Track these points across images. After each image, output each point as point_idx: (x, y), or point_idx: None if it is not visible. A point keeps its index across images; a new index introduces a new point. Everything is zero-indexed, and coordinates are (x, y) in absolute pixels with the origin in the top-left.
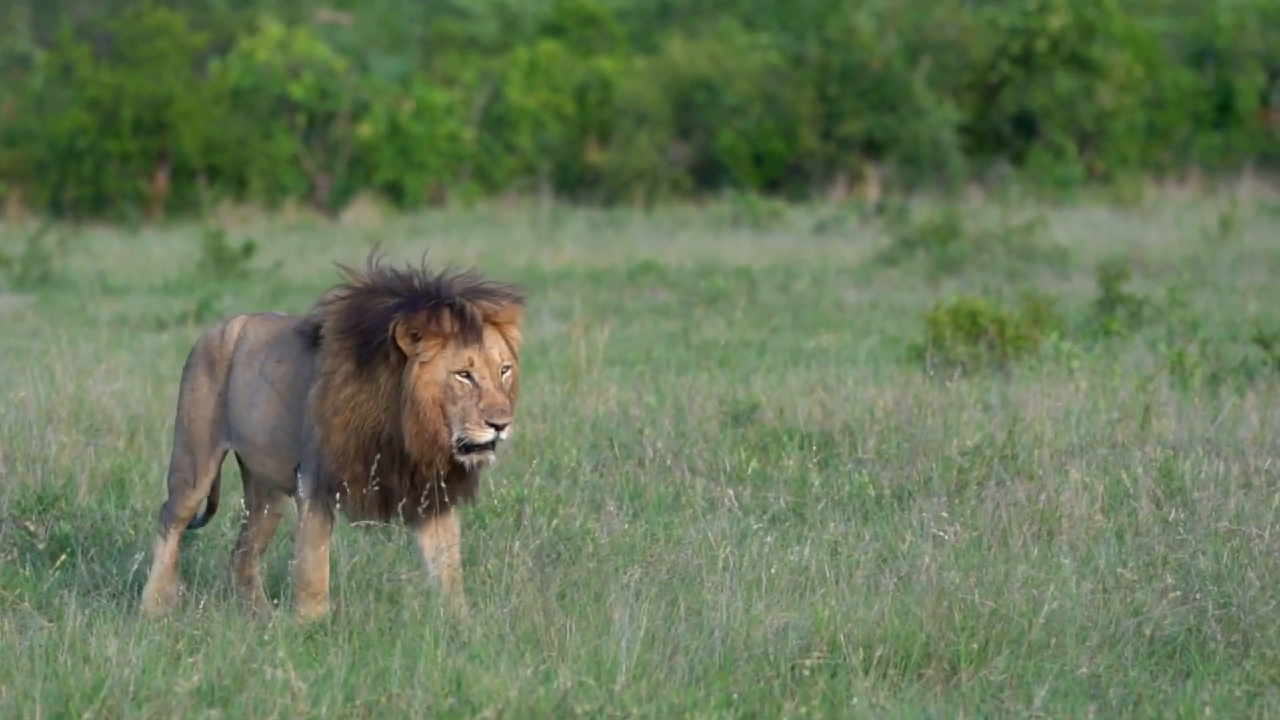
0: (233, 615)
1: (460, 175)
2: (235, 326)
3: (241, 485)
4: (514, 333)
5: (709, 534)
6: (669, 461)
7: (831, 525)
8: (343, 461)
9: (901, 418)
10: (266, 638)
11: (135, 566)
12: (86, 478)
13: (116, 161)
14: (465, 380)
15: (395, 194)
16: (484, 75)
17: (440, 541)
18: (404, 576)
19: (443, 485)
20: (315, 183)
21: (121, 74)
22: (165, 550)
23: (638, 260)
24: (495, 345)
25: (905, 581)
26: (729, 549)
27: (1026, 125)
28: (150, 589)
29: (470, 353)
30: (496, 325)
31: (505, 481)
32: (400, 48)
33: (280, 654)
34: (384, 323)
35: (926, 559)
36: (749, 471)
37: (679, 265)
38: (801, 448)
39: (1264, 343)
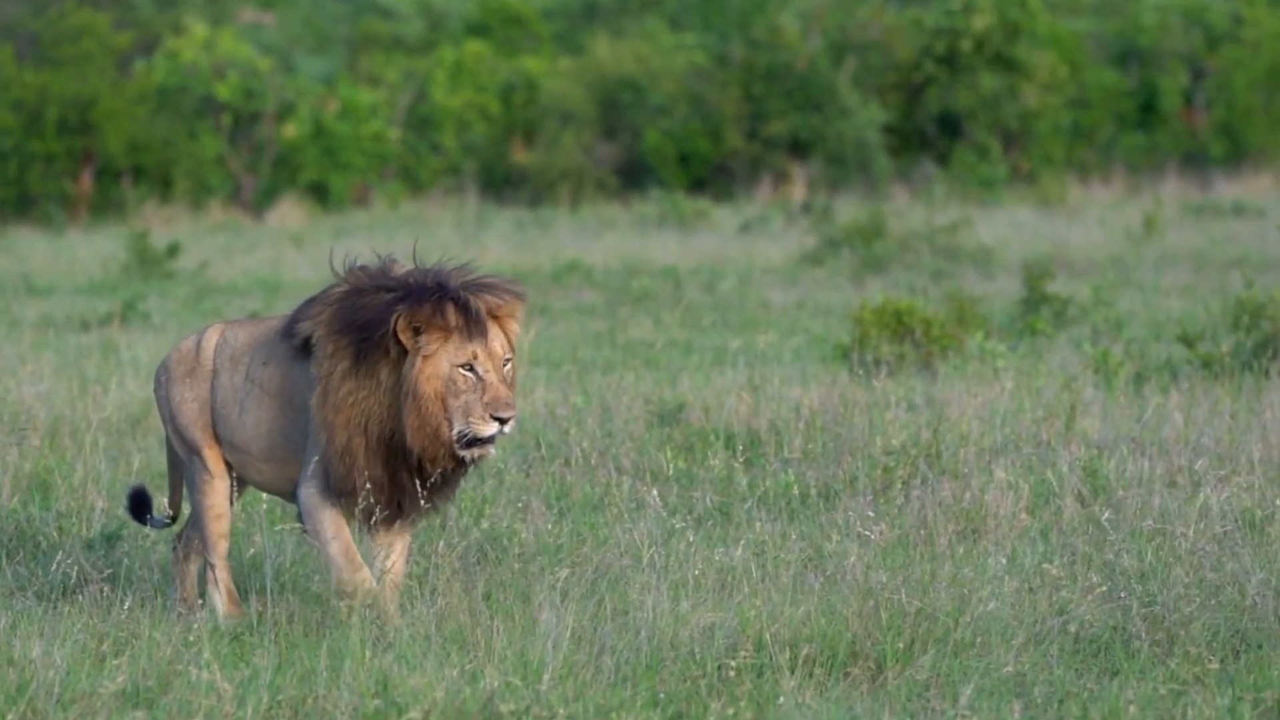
0: (158, 616)
1: (385, 175)
2: (213, 335)
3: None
4: (513, 326)
5: (635, 534)
6: (595, 461)
7: (758, 525)
8: (350, 463)
9: (827, 417)
10: (192, 638)
11: (59, 568)
12: (10, 479)
13: (41, 162)
14: (468, 374)
15: (320, 194)
16: (409, 75)
17: (393, 544)
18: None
19: (432, 487)
20: (240, 183)
21: (46, 74)
22: (221, 587)
23: (563, 260)
24: (496, 338)
25: (831, 581)
26: (655, 549)
27: (951, 125)
28: (223, 610)
29: (475, 346)
30: (496, 319)
31: None
32: (325, 48)
33: (205, 655)
34: (384, 316)
35: (852, 558)
36: (675, 471)
37: (605, 265)
38: (728, 447)
39: (1188, 342)
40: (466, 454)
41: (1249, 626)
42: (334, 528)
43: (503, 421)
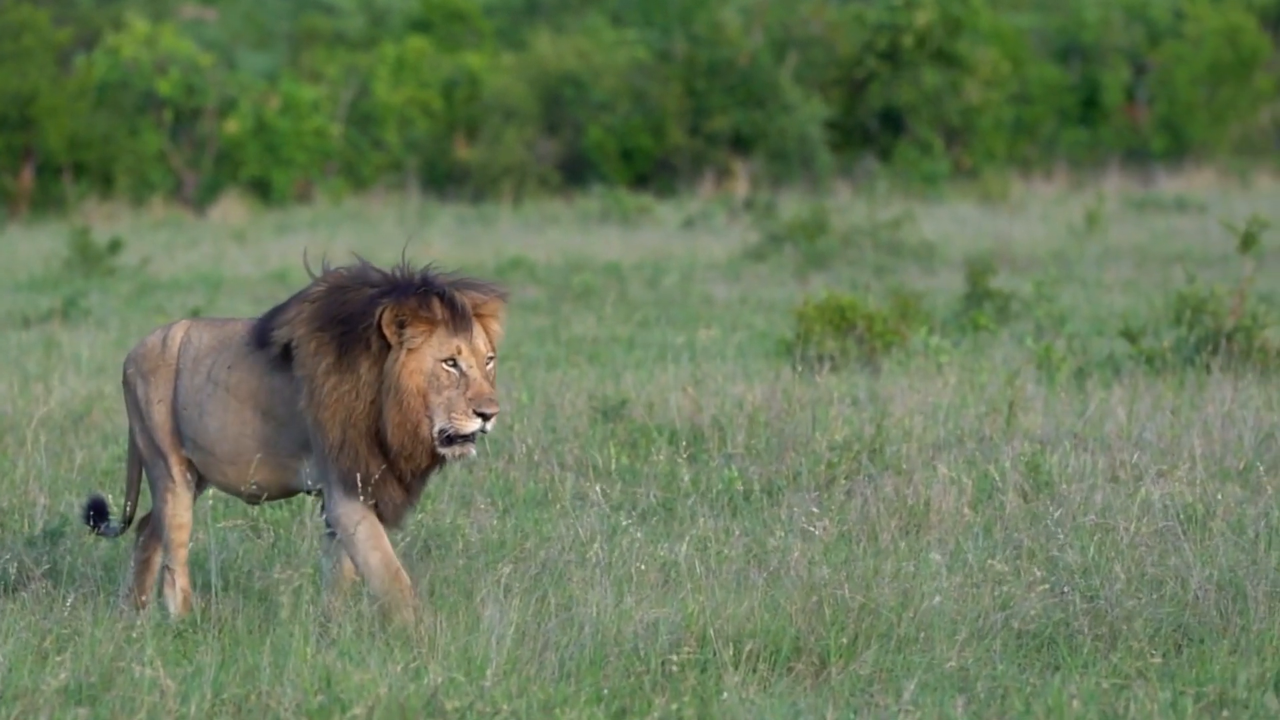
0: (101, 613)
1: (327, 171)
2: (178, 333)
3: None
4: (495, 326)
5: (579, 530)
6: (539, 458)
7: (701, 520)
8: (353, 457)
9: (771, 413)
10: (135, 635)
11: (0, 565)
12: None
13: None
14: (452, 369)
15: (262, 190)
16: (350, 71)
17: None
18: (276, 575)
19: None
20: (182, 179)
21: None
22: (176, 588)
23: (506, 256)
24: (480, 336)
25: (775, 576)
26: (599, 545)
27: (893, 121)
28: (176, 613)
29: (459, 341)
30: (479, 317)
31: None
32: (267, 44)
33: (149, 652)
34: (368, 309)
35: (796, 554)
36: (619, 467)
37: (548, 261)
38: (671, 443)
39: (1130, 337)
40: (447, 451)
41: (1191, 621)
42: (372, 537)
43: (485, 417)
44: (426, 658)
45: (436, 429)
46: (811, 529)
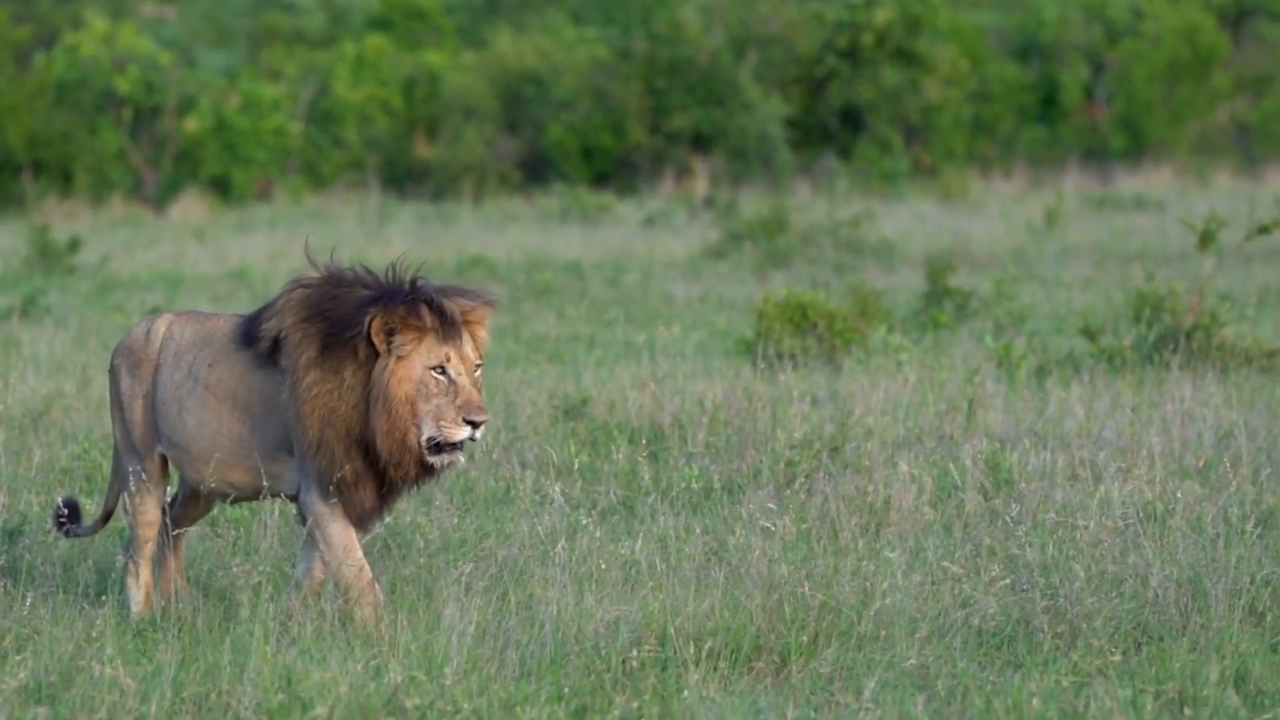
0: (60, 612)
1: (287, 170)
2: (160, 326)
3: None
4: (482, 334)
5: (539, 528)
6: (499, 456)
7: (661, 519)
8: (329, 456)
9: (731, 411)
10: (95, 634)
11: None
12: None
13: None
14: (440, 377)
15: (222, 188)
16: (310, 69)
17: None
18: (235, 570)
19: (403, 493)
20: (142, 177)
21: None
22: (140, 583)
23: (467, 254)
24: (468, 344)
25: (735, 574)
26: (559, 543)
27: (853, 119)
28: (137, 607)
29: (448, 348)
30: (467, 324)
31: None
32: (226, 42)
33: (109, 651)
34: (356, 316)
35: (756, 552)
36: (579, 466)
37: (508, 259)
38: (631, 441)
39: (1089, 335)
40: (435, 460)
41: (1150, 619)
42: (346, 540)
43: (475, 425)
44: (387, 656)
45: (425, 437)
46: (772, 527)
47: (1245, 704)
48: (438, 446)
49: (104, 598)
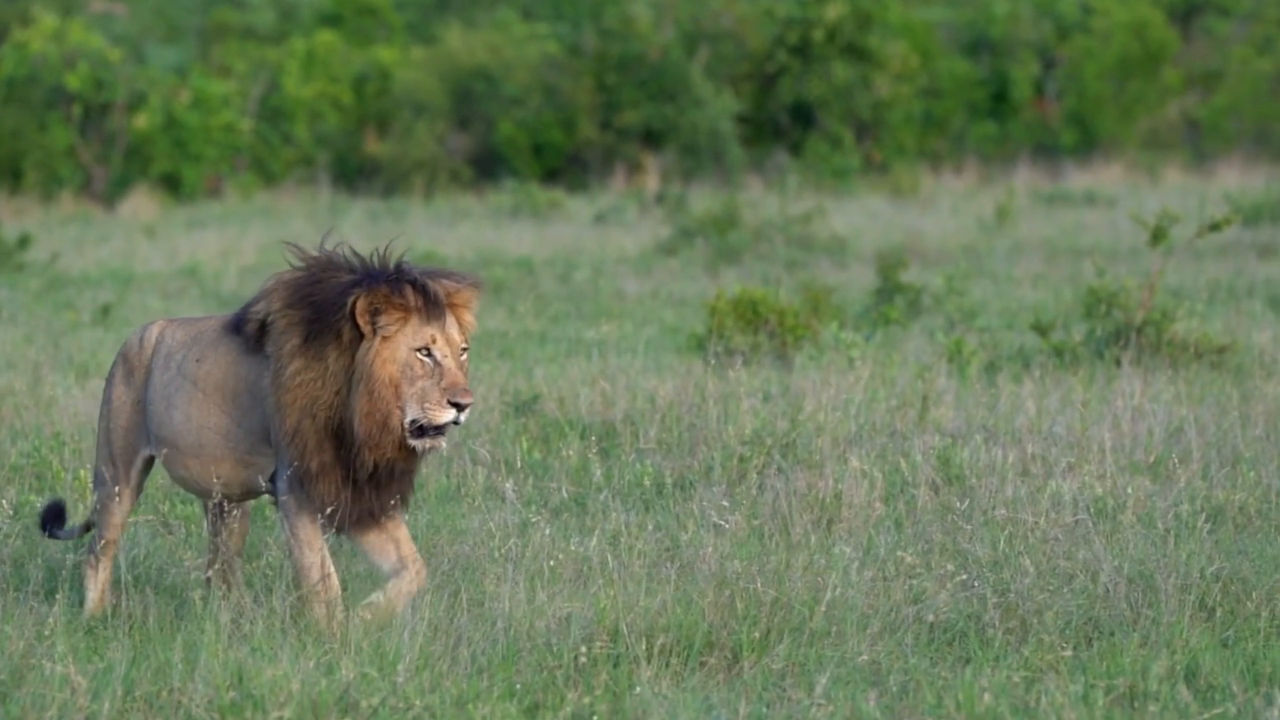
0: (10, 610)
1: (238, 166)
2: (154, 331)
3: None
4: (468, 317)
5: (491, 525)
6: (450, 453)
7: (613, 515)
8: (303, 448)
9: (683, 407)
10: (45, 633)
11: None
12: None
13: None
14: (426, 359)
15: (172, 185)
16: (260, 66)
17: (394, 559)
18: (187, 564)
19: (381, 481)
20: (91, 174)
21: None
22: (97, 580)
23: (418, 251)
24: (453, 325)
25: (687, 571)
26: (511, 540)
27: (804, 115)
28: (92, 603)
29: (433, 329)
30: (452, 306)
31: None
32: (177, 38)
33: (59, 649)
34: (340, 298)
35: (708, 548)
36: (531, 462)
37: (459, 256)
38: (583, 438)
39: (1040, 330)
40: (418, 444)
41: (1101, 614)
42: (311, 536)
43: (460, 408)
44: (339, 653)
45: (408, 419)
46: (723, 523)
47: (1196, 699)
48: (420, 430)
49: (56, 595)
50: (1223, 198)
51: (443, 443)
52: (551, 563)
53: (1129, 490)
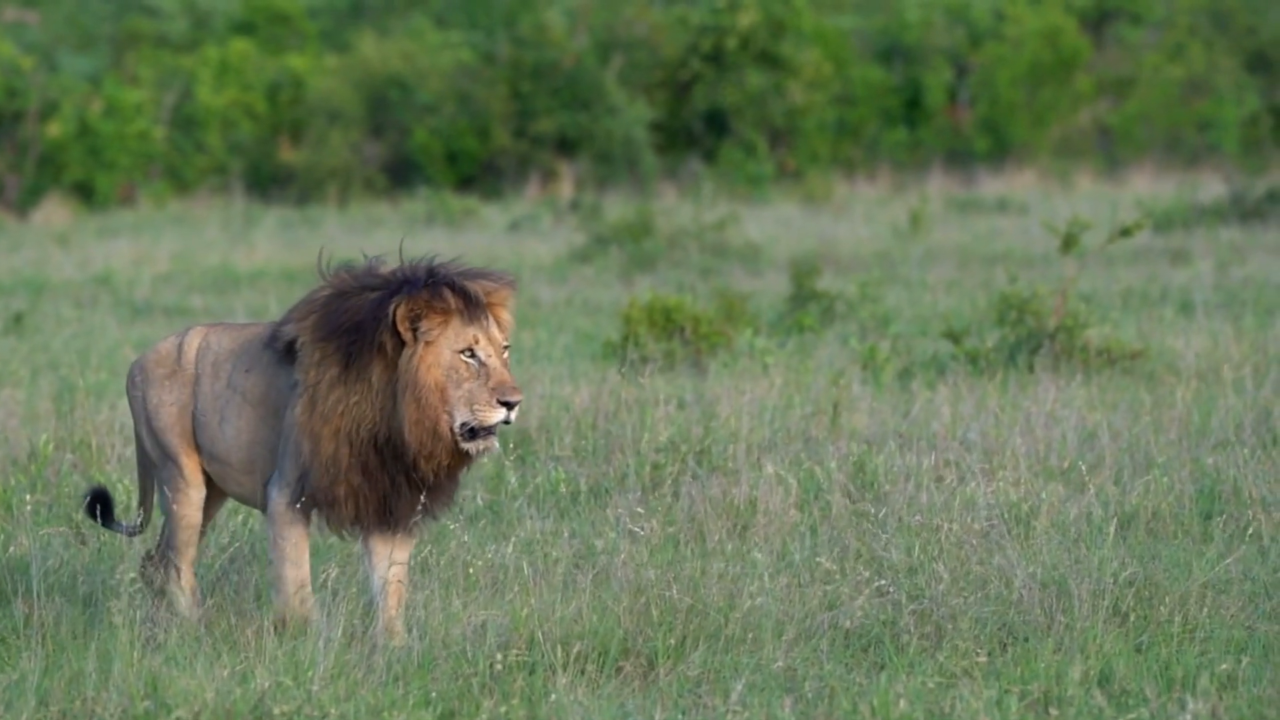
0: None
1: (151, 174)
2: (195, 338)
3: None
4: (506, 316)
5: None
6: None
7: (529, 522)
8: (335, 473)
9: (597, 415)
10: None
11: None
12: None
13: None
14: (470, 360)
15: (85, 193)
16: (173, 74)
17: (394, 553)
18: (117, 575)
19: (432, 487)
20: (4, 182)
21: None
22: (184, 588)
23: (333, 259)
24: (494, 325)
25: (602, 578)
26: (427, 548)
27: (718, 123)
28: (186, 609)
29: (475, 330)
30: (491, 306)
31: None
32: (89, 46)
33: None
34: (375, 315)
35: (623, 555)
36: None
37: None
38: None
39: (954, 337)
40: (470, 447)
41: (1015, 620)
42: (297, 552)
43: (510, 406)
44: (253, 662)
45: (458, 423)
46: (639, 530)
47: (1110, 704)
48: (472, 432)
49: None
50: (1135, 204)
51: (494, 443)
52: (467, 570)
53: (1042, 496)
